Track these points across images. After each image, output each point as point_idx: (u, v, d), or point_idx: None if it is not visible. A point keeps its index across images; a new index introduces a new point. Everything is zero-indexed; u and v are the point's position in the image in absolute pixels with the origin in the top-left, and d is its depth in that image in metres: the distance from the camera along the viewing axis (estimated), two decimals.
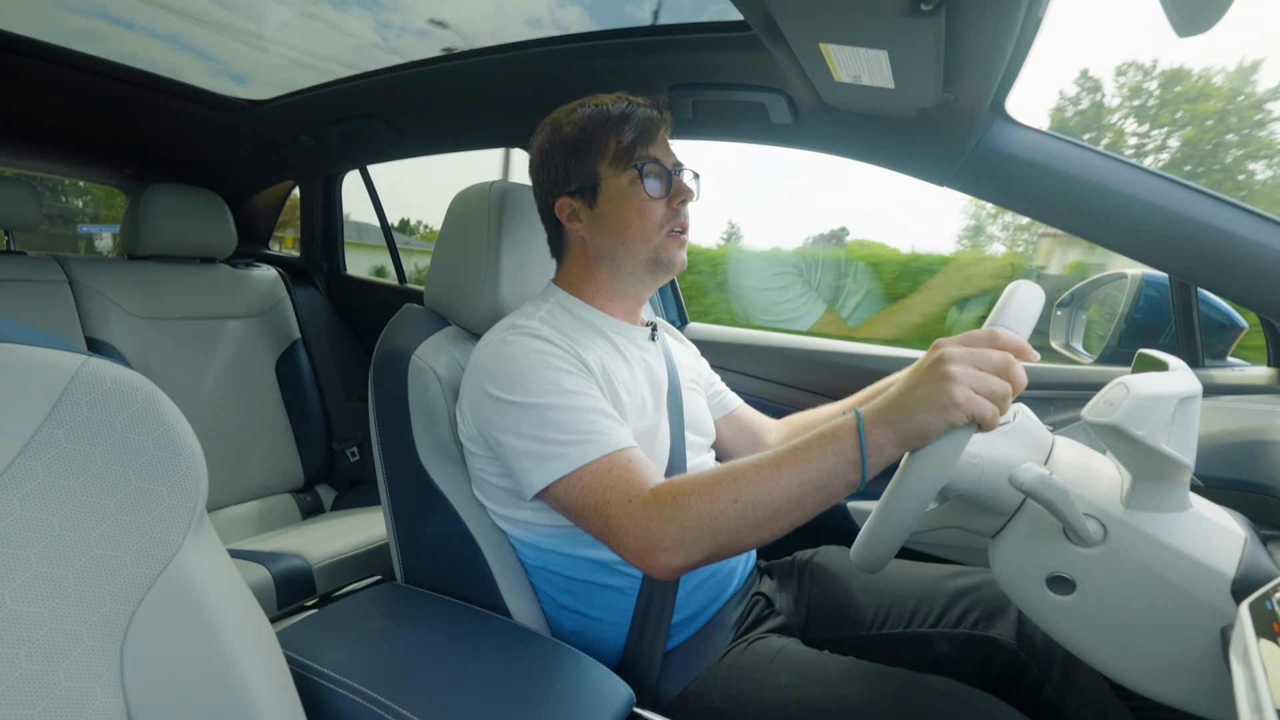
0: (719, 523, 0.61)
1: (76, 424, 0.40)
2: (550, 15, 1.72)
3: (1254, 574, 0.55)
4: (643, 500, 0.64)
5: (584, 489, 0.68)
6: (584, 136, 0.82)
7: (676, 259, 0.84)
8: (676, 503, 0.62)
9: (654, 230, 0.82)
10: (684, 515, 0.62)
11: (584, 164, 0.82)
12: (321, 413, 1.84)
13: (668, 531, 0.62)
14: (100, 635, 0.39)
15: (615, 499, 0.66)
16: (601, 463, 0.68)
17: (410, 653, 0.70)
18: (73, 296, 1.49)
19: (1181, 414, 0.55)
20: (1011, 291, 0.64)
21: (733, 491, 0.61)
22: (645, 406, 0.82)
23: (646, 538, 0.63)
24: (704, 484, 0.63)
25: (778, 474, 0.61)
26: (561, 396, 0.71)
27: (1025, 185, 0.99)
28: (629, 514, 0.64)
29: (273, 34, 1.79)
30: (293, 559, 1.30)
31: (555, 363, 0.74)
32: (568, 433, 0.69)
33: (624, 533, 0.64)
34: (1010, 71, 0.87)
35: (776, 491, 0.60)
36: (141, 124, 1.72)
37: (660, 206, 0.82)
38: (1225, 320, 1.09)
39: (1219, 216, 0.89)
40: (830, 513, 1.27)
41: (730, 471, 0.63)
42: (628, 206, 0.82)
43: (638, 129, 0.81)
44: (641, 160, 0.81)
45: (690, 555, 0.62)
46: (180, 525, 0.43)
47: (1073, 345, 1.28)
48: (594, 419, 0.70)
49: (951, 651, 0.83)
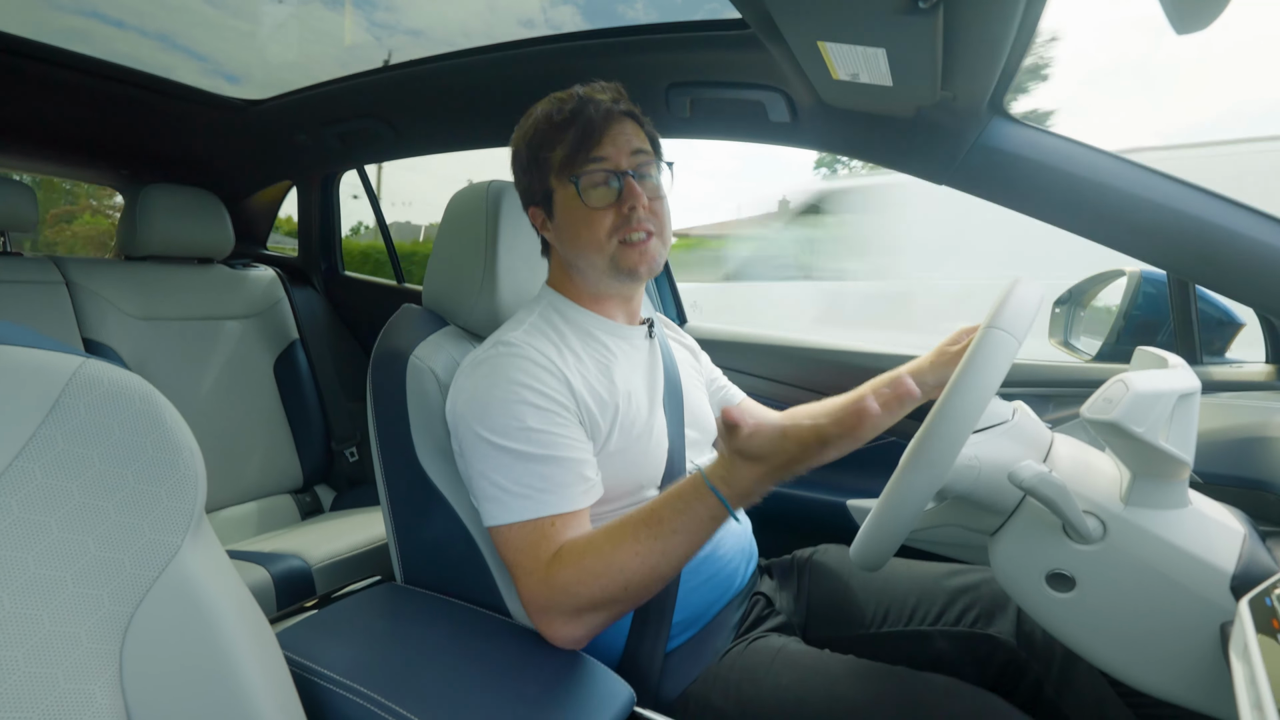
0: (610, 603, 0.67)
1: (74, 426, 0.40)
2: (543, 15, 1.72)
3: (1253, 570, 0.55)
4: (542, 575, 0.68)
5: (508, 542, 0.71)
6: (532, 150, 0.81)
7: (639, 267, 0.79)
8: (565, 588, 0.67)
9: (603, 240, 0.79)
10: (576, 600, 0.67)
11: (536, 177, 0.82)
12: (320, 413, 1.84)
13: (562, 612, 0.68)
14: (99, 637, 0.39)
15: (525, 564, 0.70)
16: (529, 524, 0.70)
17: (410, 653, 0.70)
18: (69, 298, 1.49)
19: (1180, 411, 0.55)
20: (1009, 289, 0.64)
21: (621, 580, 0.65)
22: (640, 409, 0.82)
23: (545, 613, 0.69)
24: (591, 574, 0.66)
25: (661, 555, 0.65)
26: (523, 441, 0.71)
27: (1024, 183, 0.99)
28: (531, 585, 0.69)
29: (265, 34, 1.79)
30: (292, 560, 1.30)
31: (527, 396, 0.73)
32: (516, 483, 0.71)
33: (527, 601, 0.70)
34: (1008, 69, 0.87)
35: (662, 568, 0.65)
36: (138, 124, 1.71)
37: (608, 215, 0.78)
38: (1224, 317, 1.09)
39: (1217, 213, 0.89)
40: (830, 512, 1.27)
41: (613, 557, 0.66)
42: (574, 218, 0.79)
43: (580, 134, 0.77)
44: (583, 169, 0.78)
45: (588, 628, 0.69)
46: (179, 526, 0.43)
47: (1071, 342, 1.28)
48: (547, 471, 0.71)
49: (951, 649, 0.83)
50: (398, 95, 1.49)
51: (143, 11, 1.64)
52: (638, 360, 0.87)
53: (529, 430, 0.71)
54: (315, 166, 1.96)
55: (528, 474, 0.71)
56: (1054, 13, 0.78)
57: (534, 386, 0.73)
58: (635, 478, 0.80)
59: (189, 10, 1.62)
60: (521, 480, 0.71)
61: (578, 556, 0.67)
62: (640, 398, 0.83)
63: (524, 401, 0.72)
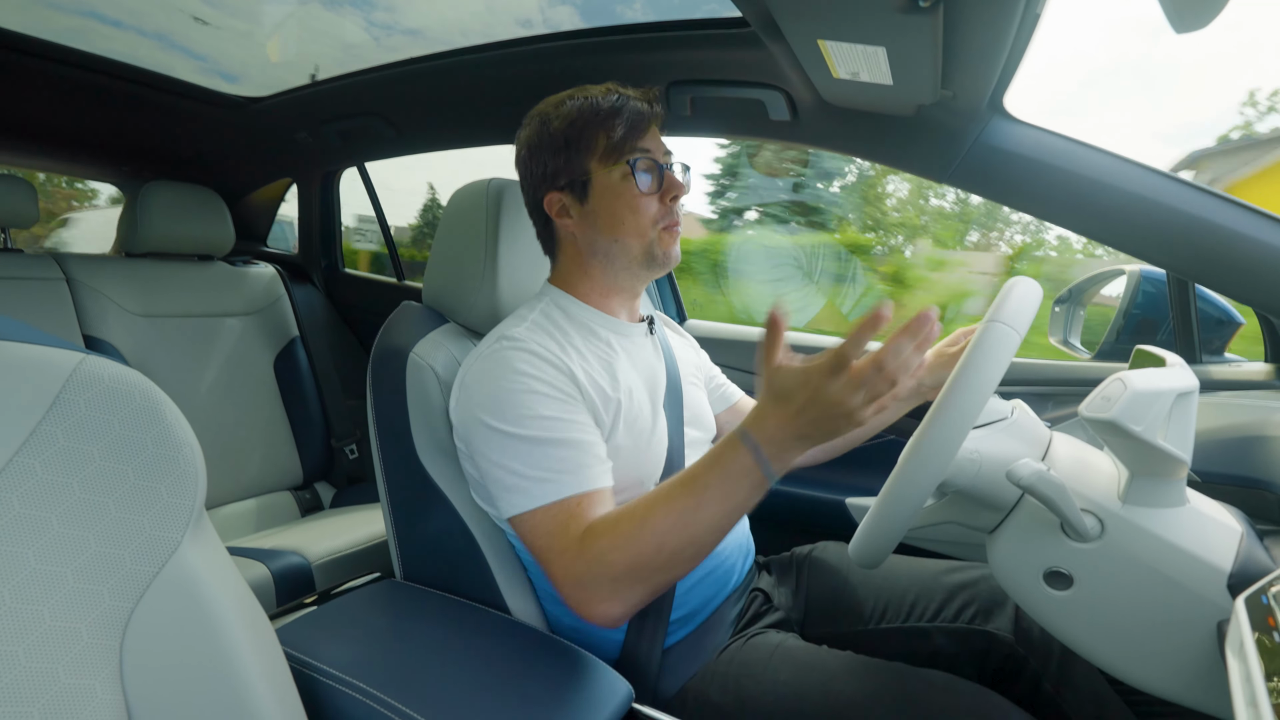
0: (646, 570, 0.64)
1: (74, 422, 0.40)
2: (541, 15, 1.71)
3: (1250, 568, 0.55)
4: (575, 551, 0.66)
5: (534, 528, 0.70)
6: (573, 131, 0.80)
7: (672, 254, 0.83)
8: (600, 559, 0.65)
9: (648, 226, 0.81)
10: (612, 569, 0.64)
11: (573, 160, 0.81)
12: (320, 410, 1.84)
13: (600, 587, 0.65)
14: (99, 632, 0.39)
15: (556, 546, 0.68)
16: (555, 506, 0.69)
17: (409, 650, 0.70)
18: (70, 294, 1.49)
19: (1179, 410, 0.55)
20: (1010, 287, 0.64)
21: (655, 543, 0.63)
22: (642, 407, 0.82)
23: (582, 591, 0.66)
24: (625, 539, 0.64)
25: (696, 516, 0.63)
26: (537, 427, 0.71)
27: (1024, 182, 0.99)
28: (564, 565, 0.67)
29: (263, 33, 1.78)
30: (292, 556, 1.30)
31: (537, 386, 0.73)
32: (535, 468, 0.70)
33: (560, 583, 0.68)
34: (1008, 68, 0.87)
35: (698, 530, 0.63)
36: (139, 121, 1.71)
37: (653, 202, 0.81)
38: (1223, 316, 1.09)
39: (1216, 212, 0.89)
40: (829, 508, 1.27)
41: (647, 520, 0.64)
42: (619, 203, 0.80)
43: (629, 123, 0.79)
44: (633, 155, 0.80)
45: (627, 603, 0.65)
46: (179, 523, 0.43)
47: (1070, 341, 1.28)
48: (565, 453, 0.70)
49: (949, 646, 0.83)
50: (399, 93, 1.48)
51: (141, 11, 1.63)
52: (639, 358, 0.87)
53: (542, 418, 0.71)
54: (316, 164, 1.96)
55: (545, 458, 0.70)
56: (1054, 12, 0.78)
57: (541, 377, 0.74)
58: (634, 474, 0.80)
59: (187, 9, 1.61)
60: (540, 465, 0.70)
61: (611, 525, 0.66)
62: (641, 394, 0.83)
63: (533, 391, 0.72)
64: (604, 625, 0.66)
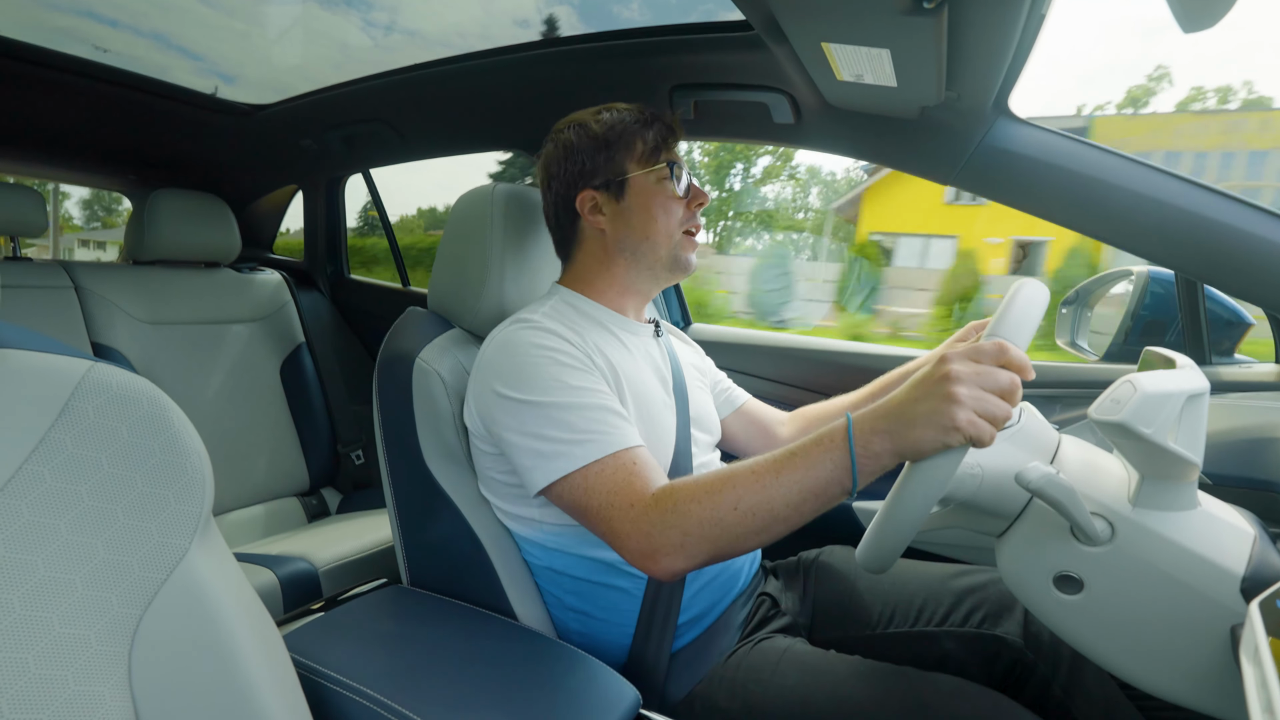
0: (719, 529, 0.62)
1: (83, 429, 0.40)
2: (539, 15, 1.73)
3: (1264, 572, 0.54)
4: (644, 505, 0.65)
5: (588, 489, 0.68)
6: (614, 134, 0.85)
7: (691, 260, 0.88)
8: (678, 509, 0.63)
9: (675, 228, 0.86)
10: (685, 521, 0.62)
11: (612, 160, 0.85)
12: (326, 416, 1.84)
13: (669, 537, 0.63)
14: (108, 639, 0.39)
15: (618, 502, 0.66)
16: (605, 462, 0.68)
17: (416, 655, 0.70)
18: (78, 302, 1.50)
19: (1189, 412, 0.55)
20: (1016, 290, 0.64)
21: (733, 499, 0.61)
22: (653, 402, 0.83)
23: (648, 542, 0.64)
24: (704, 490, 0.63)
25: (776, 481, 0.61)
26: (566, 394, 0.71)
27: (1030, 183, 0.99)
28: (631, 518, 0.65)
29: (260, 36, 1.80)
30: (298, 562, 1.31)
31: (560, 358, 0.74)
32: (572, 431, 0.69)
33: (626, 536, 0.65)
34: (1013, 69, 0.86)
35: (775, 499, 0.61)
36: (146, 129, 1.73)
37: (681, 206, 0.87)
38: (1232, 317, 1.08)
39: (1225, 212, 0.89)
40: (835, 512, 1.26)
41: (730, 478, 0.63)
42: (654, 203, 0.85)
43: (664, 132, 0.86)
44: (673, 161, 0.86)
45: (692, 560, 0.63)
46: (187, 529, 0.43)
47: (1078, 343, 1.27)
48: (599, 415, 0.70)
49: (958, 650, 0.83)
50: (403, 99, 1.49)
51: (136, 11, 1.65)
52: (648, 355, 0.88)
53: (570, 386, 0.72)
54: (321, 170, 1.97)
55: (583, 420, 0.70)
56: (1058, 12, 0.78)
57: (562, 349, 0.75)
58: None
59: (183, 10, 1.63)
60: (577, 428, 0.69)
61: (692, 482, 0.65)
62: (653, 387, 0.84)
63: (558, 363, 0.74)
64: (664, 579, 0.65)
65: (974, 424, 0.54)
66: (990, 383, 0.55)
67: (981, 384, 0.55)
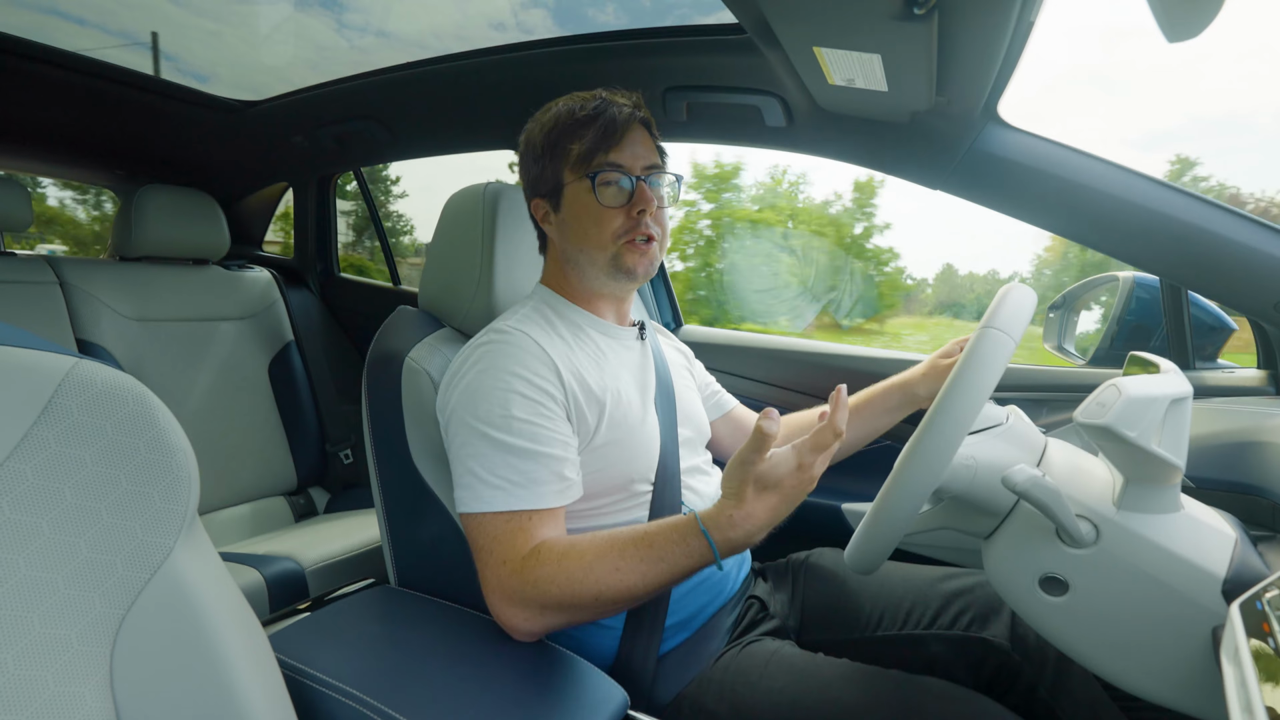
0: (576, 609, 0.67)
1: (66, 426, 0.40)
2: (514, 19, 1.73)
3: (1244, 574, 0.55)
4: (515, 567, 0.68)
5: (480, 530, 0.71)
6: (549, 141, 0.82)
7: (637, 268, 0.82)
8: (536, 583, 0.67)
9: (609, 239, 0.81)
10: (544, 598, 0.67)
11: (549, 168, 0.83)
12: (315, 415, 1.83)
13: (526, 607, 0.68)
14: (90, 640, 0.39)
15: (497, 555, 0.69)
16: (504, 516, 0.70)
17: (403, 656, 0.70)
18: (63, 298, 1.48)
19: (1173, 416, 0.55)
20: (1004, 294, 0.65)
21: (594, 590, 0.66)
22: (630, 406, 0.82)
23: (508, 603, 0.68)
24: (567, 576, 0.66)
25: (642, 578, 0.66)
26: (505, 431, 0.71)
27: (1018, 188, 1.00)
28: (500, 576, 0.69)
29: (233, 32, 1.79)
30: (285, 562, 1.30)
31: (515, 385, 0.73)
32: (494, 473, 0.71)
33: (490, 590, 0.70)
34: (1002, 75, 0.87)
35: (637, 588, 0.66)
36: (135, 125, 1.71)
37: (618, 215, 0.80)
38: (1215, 323, 1.10)
39: (1208, 219, 0.90)
40: (824, 515, 1.27)
41: (594, 566, 0.66)
42: (584, 214, 0.81)
43: (600, 133, 0.79)
44: (599, 168, 0.80)
45: (545, 626, 0.69)
46: (172, 528, 0.43)
47: (1065, 347, 1.29)
48: (525, 466, 0.71)
49: (945, 653, 0.83)
50: (395, 97, 1.49)
51: (104, 9, 1.62)
52: (628, 359, 0.87)
53: (513, 419, 0.72)
54: (312, 168, 1.96)
55: (505, 466, 0.71)
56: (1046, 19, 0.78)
57: (523, 375, 0.74)
58: (625, 472, 0.80)
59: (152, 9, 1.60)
60: (497, 471, 0.71)
61: (558, 557, 0.67)
62: (630, 394, 0.83)
63: (512, 390, 0.73)
64: (517, 637, 0.70)
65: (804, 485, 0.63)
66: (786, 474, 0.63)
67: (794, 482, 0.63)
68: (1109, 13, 9.21)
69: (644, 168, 0.82)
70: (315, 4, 6.00)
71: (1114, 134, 22.03)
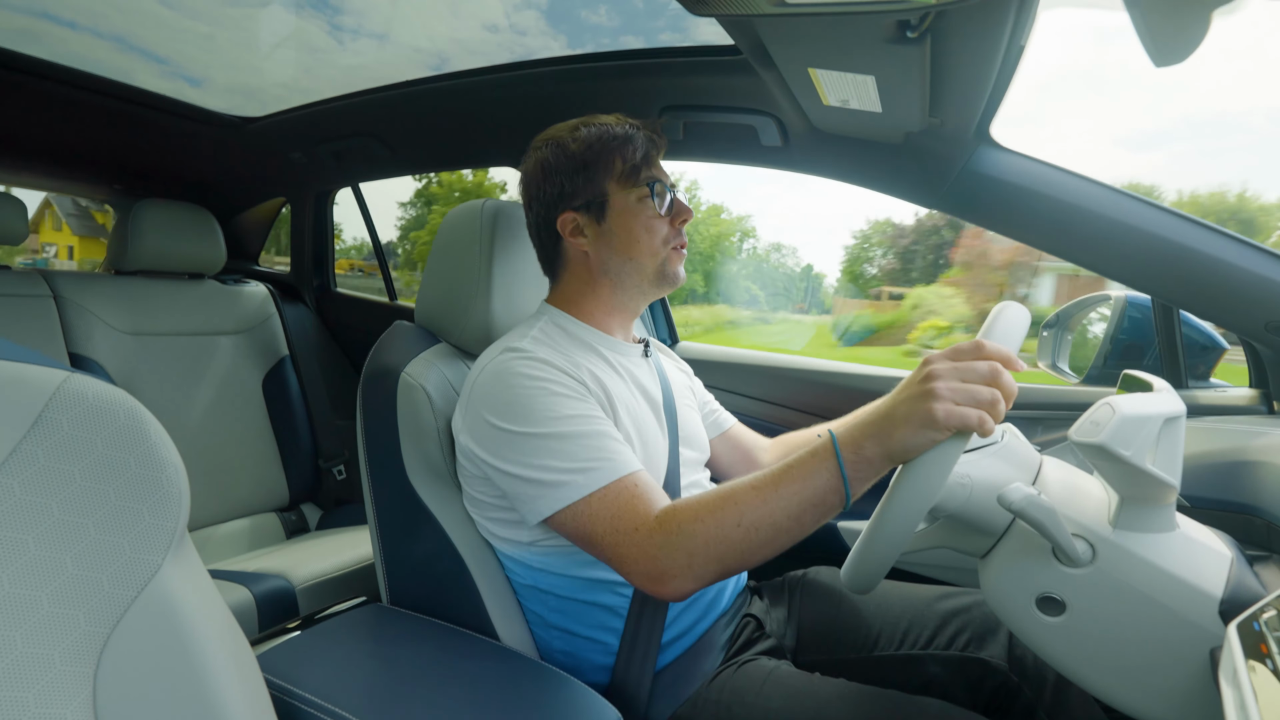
0: (724, 547, 0.63)
1: (56, 441, 0.39)
2: (507, 20, 1.75)
3: (1241, 594, 0.55)
4: (649, 529, 0.66)
5: (592, 516, 0.69)
6: (591, 154, 0.83)
7: (680, 272, 0.87)
8: (682, 530, 0.64)
9: (660, 246, 0.85)
10: (690, 543, 0.63)
11: (591, 180, 0.84)
12: (309, 430, 1.82)
13: (676, 560, 0.64)
14: (73, 659, 0.38)
15: (623, 527, 0.67)
16: (609, 489, 0.69)
17: (395, 676, 0.69)
18: (57, 311, 1.48)
19: (1167, 434, 0.55)
20: (998, 312, 0.65)
21: (735, 516, 0.63)
22: (645, 423, 0.82)
23: (655, 565, 0.65)
24: (707, 509, 0.64)
25: (776, 495, 0.62)
26: (564, 424, 0.71)
27: (1011, 208, 1.01)
28: (636, 543, 0.66)
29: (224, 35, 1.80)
30: (275, 579, 1.28)
31: (554, 389, 0.73)
32: (574, 460, 0.70)
33: (633, 561, 0.66)
34: (994, 98, 0.88)
35: (777, 512, 0.62)
36: (134, 140, 1.72)
37: (665, 224, 0.85)
38: (1207, 342, 1.10)
39: (1199, 240, 0.91)
40: (820, 532, 1.26)
41: (730, 495, 0.64)
42: (636, 223, 0.84)
43: (645, 148, 0.84)
44: (650, 179, 0.84)
45: (700, 579, 0.64)
46: (160, 545, 0.42)
47: (1059, 366, 1.29)
48: (599, 443, 0.71)
49: (943, 674, 0.82)
50: (395, 114, 1.50)
51: (96, 13, 1.63)
52: (637, 376, 0.88)
53: (568, 417, 0.72)
54: (310, 184, 1.97)
55: (585, 449, 0.70)
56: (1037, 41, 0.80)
57: (556, 379, 0.75)
58: None
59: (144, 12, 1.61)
60: (579, 456, 0.70)
61: (693, 502, 0.66)
62: (644, 410, 0.84)
63: (552, 394, 0.73)
64: (674, 600, 0.67)
65: (954, 414, 0.56)
66: (969, 373, 0.58)
67: (960, 375, 0.58)
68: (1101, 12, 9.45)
69: (671, 185, 0.87)
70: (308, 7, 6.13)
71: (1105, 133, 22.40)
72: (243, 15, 1.68)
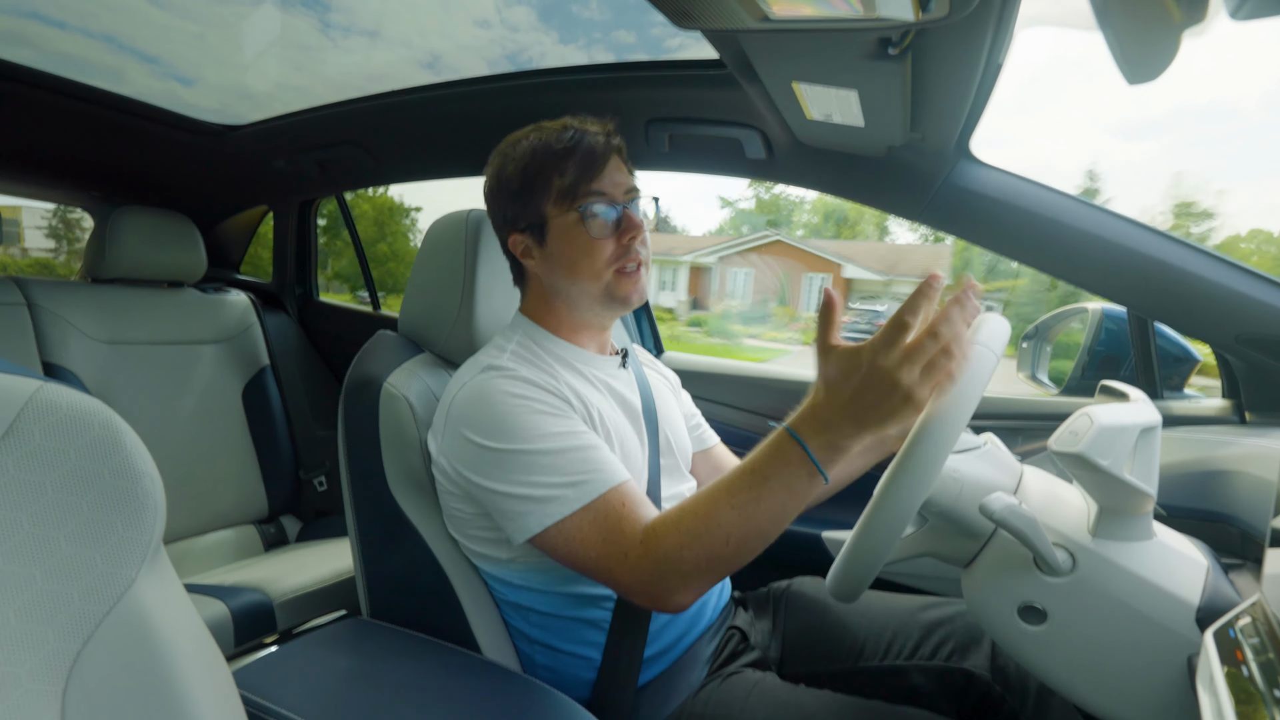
0: (715, 562, 0.64)
1: (27, 452, 0.38)
2: (498, 15, 1.75)
3: (1217, 602, 0.56)
4: (638, 553, 0.66)
5: (582, 538, 0.68)
6: (527, 176, 0.80)
7: (631, 295, 0.81)
8: (668, 558, 0.65)
9: (602, 269, 0.79)
10: (682, 565, 0.64)
11: (529, 204, 0.80)
12: (289, 441, 1.79)
13: (670, 581, 0.65)
14: (41, 677, 0.37)
15: (613, 551, 0.67)
16: (597, 504, 0.68)
17: (375, 692, 0.67)
18: (31, 319, 1.45)
19: (1143, 444, 0.56)
20: (981, 320, 0.66)
21: (722, 537, 0.63)
22: (624, 434, 0.82)
23: (652, 588, 0.66)
24: (693, 536, 0.64)
25: (758, 507, 0.63)
26: (552, 441, 0.71)
27: (990, 222, 1.03)
28: (628, 568, 0.66)
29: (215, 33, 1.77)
30: (253, 593, 1.25)
31: (537, 406, 0.73)
32: (563, 474, 0.69)
33: (627, 586, 0.67)
34: (973, 114, 0.90)
35: (761, 521, 0.63)
36: (113, 147, 1.69)
37: (608, 244, 0.79)
38: (1181, 353, 1.13)
39: (1172, 254, 0.93)
40: (804, 542, 1.27)
41: (712, 514, 0.64)
42: (573, 247, 0.79)
43: (581, 164, 0.78)
44: (586, 199, 0.78)
45: (698, 591, 0.66)
46: (134, 558, 0.41)
47: (1038, 376, 1.31)
48: (587, 456, 0.71)
49: (927, 684, 0.83)
50: (380, 123, 1.49)
51: (85, 12, 1.59)
52: (613, 389, 0.87)
53: (553, 434, 0.71)
54: (293, 192, 1.95)
55: (574, 463, 0.70)
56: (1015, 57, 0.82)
57: (539, 398, 0.74)
58: None
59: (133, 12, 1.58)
60: (569, 470, 0.69)
61: (674, 523, 0.65)
62: (621, 423, 0.83)
63: (536, 411, 0.73)
64: (674, 613, 0.68)
65: (920, 387, 0.56)
66: (913, 350, 0.56)
67: (907, 357, 0.56)
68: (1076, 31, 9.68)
69: (624, 193, 0.81)
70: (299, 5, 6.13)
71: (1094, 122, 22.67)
72: (233, 14, 1.66)
